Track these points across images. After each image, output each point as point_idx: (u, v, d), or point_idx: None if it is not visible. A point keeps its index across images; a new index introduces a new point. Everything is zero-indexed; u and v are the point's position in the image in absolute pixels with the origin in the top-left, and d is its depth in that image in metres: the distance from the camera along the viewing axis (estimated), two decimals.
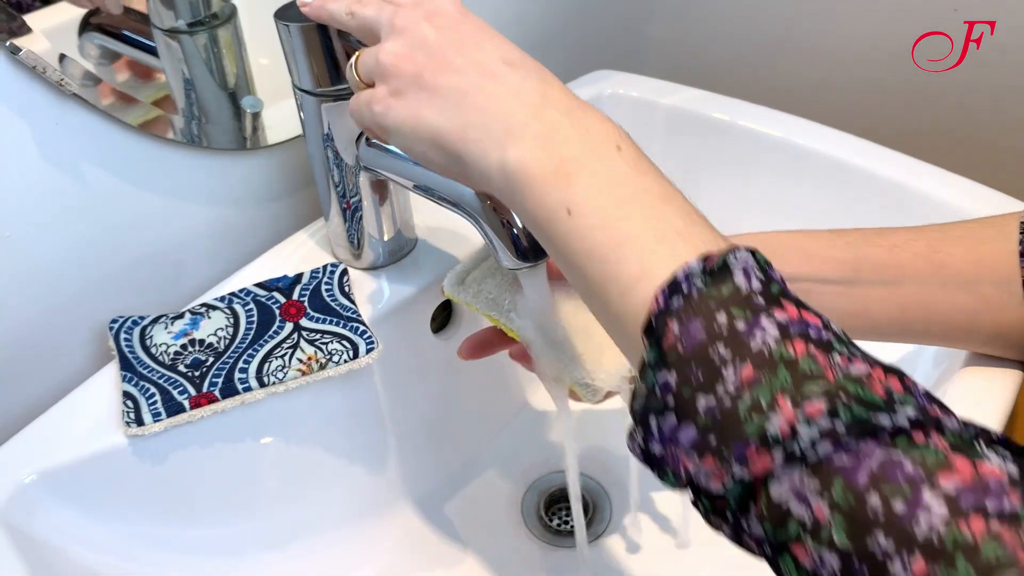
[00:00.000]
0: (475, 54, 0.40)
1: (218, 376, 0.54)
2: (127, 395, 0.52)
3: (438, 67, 0.40)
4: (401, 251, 0.64)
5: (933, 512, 0.26)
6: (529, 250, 0.51)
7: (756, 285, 0.32)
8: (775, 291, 0.32)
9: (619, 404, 0.54)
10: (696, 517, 0.34)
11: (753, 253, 0.33)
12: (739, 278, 0.32)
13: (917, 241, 0.49)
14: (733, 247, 0.33)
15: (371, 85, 0.43)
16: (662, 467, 0.33)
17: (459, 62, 0.39)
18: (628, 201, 0.35)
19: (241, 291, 0.59)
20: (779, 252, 0.51)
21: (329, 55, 0.53)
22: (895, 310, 0.49)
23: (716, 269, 0.32)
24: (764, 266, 0.33)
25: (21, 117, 0.51)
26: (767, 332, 0.30)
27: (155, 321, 0.57)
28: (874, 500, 0.27)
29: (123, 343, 0.56)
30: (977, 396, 0.50)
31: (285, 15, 0.52)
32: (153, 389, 0.53)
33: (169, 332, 0.56)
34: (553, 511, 0.66)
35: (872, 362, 0.30)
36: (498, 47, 0.40)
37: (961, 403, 0.50)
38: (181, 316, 0.57)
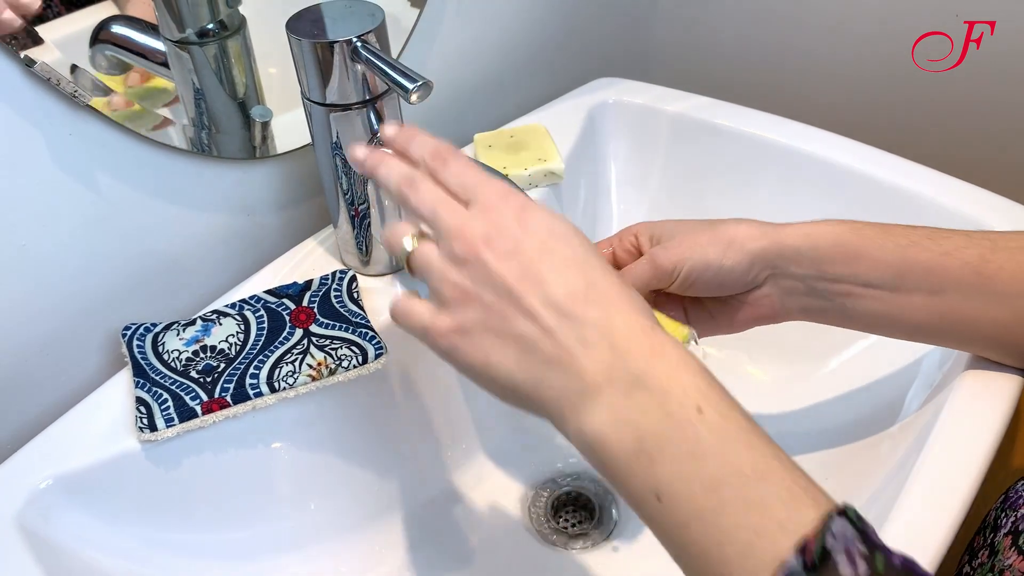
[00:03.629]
0: (541, 290, 0.38)
1: (229, 382, 0.54)
2: (140, 401, 0.53)
3: (503, 313, 0.38)
4: None
5: None
6: None
7: (863, 568, 0.30)
8: (880, 567, 0.31)
9: None
10: None
11: (846, 514, 0.32)
12: (844, 568, 0.30)
13: (969, 249, 0.47)
14: (827, 521, 0.31)
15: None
16: None
17: (525, 303, 0.38)
18: (719, 486, 0.33)
19: (252, 298, 0.60)
20: (824, 249, 0.49)
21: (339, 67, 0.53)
22: (934, 318, 0.48)
23: (817, 561, 0.30)
24: (862, 532, 0.31)
25: (36, 128, 0.51)
26: None
27: (167, 328, 0.58)
28: None
29: (136, 349, 0.56)
30: (977, 400, 0.50)
31: (296, 28, 0.53)
32: (166, 395, 0.53)
33: (181, 339, 0.57)
34: (560, 514, 0.67)
35: None
36: (562, 275, 0.38)
37: (961, 407, 0.50)
38: (192, 323, 0.58)
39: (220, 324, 0.58)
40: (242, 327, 0.58)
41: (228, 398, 0.54)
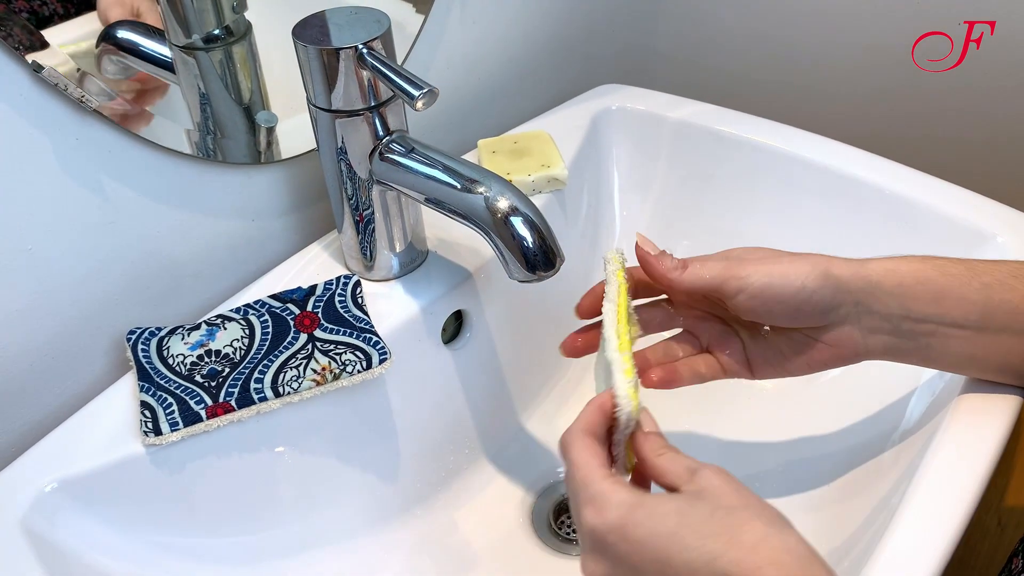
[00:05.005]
0: None
1: (234, 386, 0.55)
2: (145, 405, 0.53)
3: None
4: (413, 263, 0.65)
5: None
6: (539, 263, 0.52)
7: None
8: None
9: None
10: None
11: None
12: None
13: None
14: None
15: None
16: None
17: None
18: None
19: (256, 302, 0.60)
20: (909, 286, 0.48)
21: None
22: (1018, 360, 0.48)
23: None
24: None
25: (43, 133, 0.51)
26: None
27: (172, 332, 0.58)
28: None
29: (140, 354, 0.57)
30: (975, 420, 0.50)
31: (302, 34, 0.53)
32: (170, 399, 0.54)
33: (185, 343, 0.57)
34: (563, 519, 0.67)
35: None
36: None
37: (963, 417, 0.50)
38: (197, 327, 0.58)
39: (225, 329, 0.58)
40: (246, 332, 0.58)
41: (232, 403, 0.54)
